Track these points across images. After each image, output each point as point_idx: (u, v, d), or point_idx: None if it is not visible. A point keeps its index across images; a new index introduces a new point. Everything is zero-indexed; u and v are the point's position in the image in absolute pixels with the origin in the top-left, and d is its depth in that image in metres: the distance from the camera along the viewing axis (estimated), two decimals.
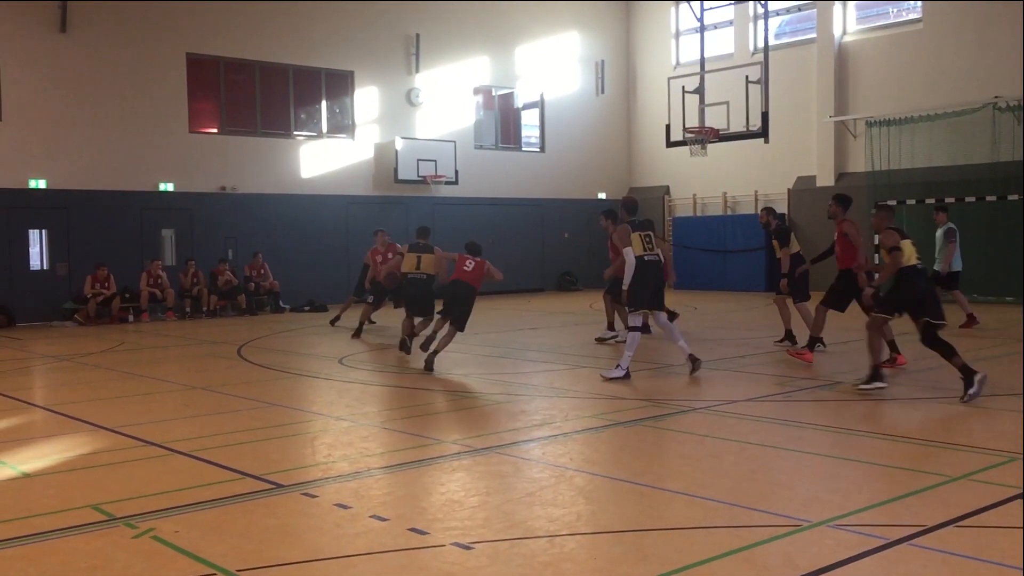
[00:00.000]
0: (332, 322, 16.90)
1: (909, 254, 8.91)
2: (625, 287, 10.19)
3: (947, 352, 8.57)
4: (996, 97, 19.89)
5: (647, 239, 10.28)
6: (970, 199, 19.16)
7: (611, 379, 9.94)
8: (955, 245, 14.35)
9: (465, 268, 11.37)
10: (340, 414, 8.48)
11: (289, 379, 10.83)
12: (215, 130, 21.49)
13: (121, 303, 18.83)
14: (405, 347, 12.31)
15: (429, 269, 12.17)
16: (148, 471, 6.46)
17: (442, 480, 6.10)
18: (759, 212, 13.89)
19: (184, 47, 20.65)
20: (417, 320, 12.54)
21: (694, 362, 10.28)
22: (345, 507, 5.41)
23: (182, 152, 20.62)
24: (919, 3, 21.79)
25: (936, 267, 14.47)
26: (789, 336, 12.67)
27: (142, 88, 20.09)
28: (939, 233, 14.62)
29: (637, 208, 10.94)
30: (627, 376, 10.00)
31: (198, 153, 20.88)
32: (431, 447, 7.02)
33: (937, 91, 21.03)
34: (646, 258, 10.15)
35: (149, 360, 13.23)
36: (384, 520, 5.14)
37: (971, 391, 8.28)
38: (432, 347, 11.12)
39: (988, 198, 18.95)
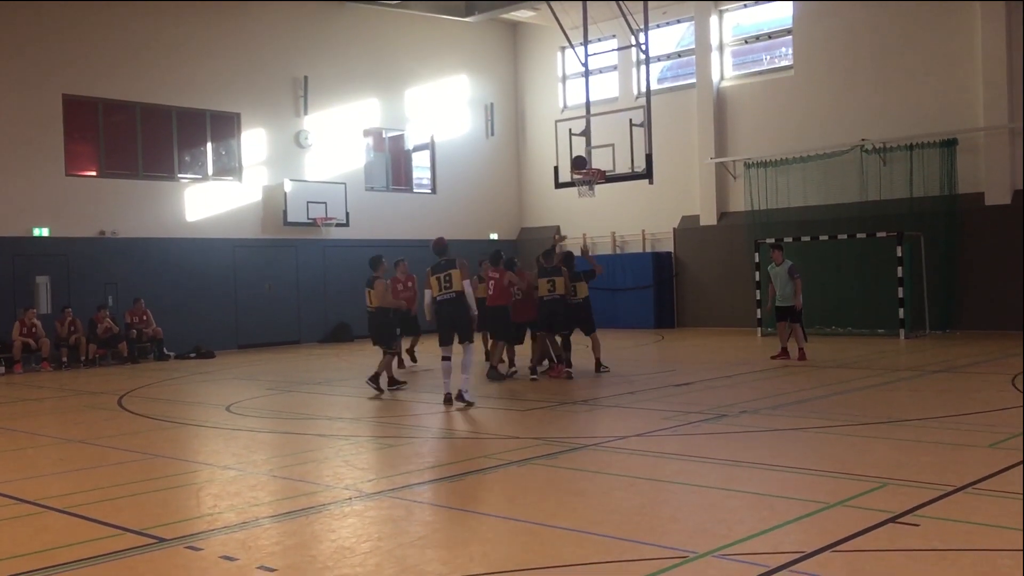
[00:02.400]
0: (399, 366, 16.04)
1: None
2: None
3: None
4: (863, 140, 21.01)
5: (444, 280, 10.91)
6: (842, 236, 20.10)
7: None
8: (800, 281, 15.09)
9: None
10: (227, 463, 8.25)
11: (173, 429, 10.48)
12: (94, 173, 20.80)
13: None
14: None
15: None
16: (20, 530, 6.15)
17: (333, 527, 5.99)
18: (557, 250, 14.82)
19: (60, 87, 19.98)
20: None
21: (450, 401, 10.98)
22: (231, 559, 5.26)
23: (58, 195, 19.86)
24: (790, 51, 22.93)
25: (783, 303, 15.10)
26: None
27: (16, 130, 19.32)
28: (778, 270, 15.28)
29: (445, 250, 11.31)
30: (447, 400, 11.06)
31: (75, 196, 20.14)
32: (321, 493, 6.90)
33: (809, 134, 22.09)
34: (438, 299, 10.93)
35: (22, 413, 12.60)
36: (272, 571, 5.02)
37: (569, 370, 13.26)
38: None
39: (858, 235, 19.92)
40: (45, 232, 19.64)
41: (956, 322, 19.78)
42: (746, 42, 23.98)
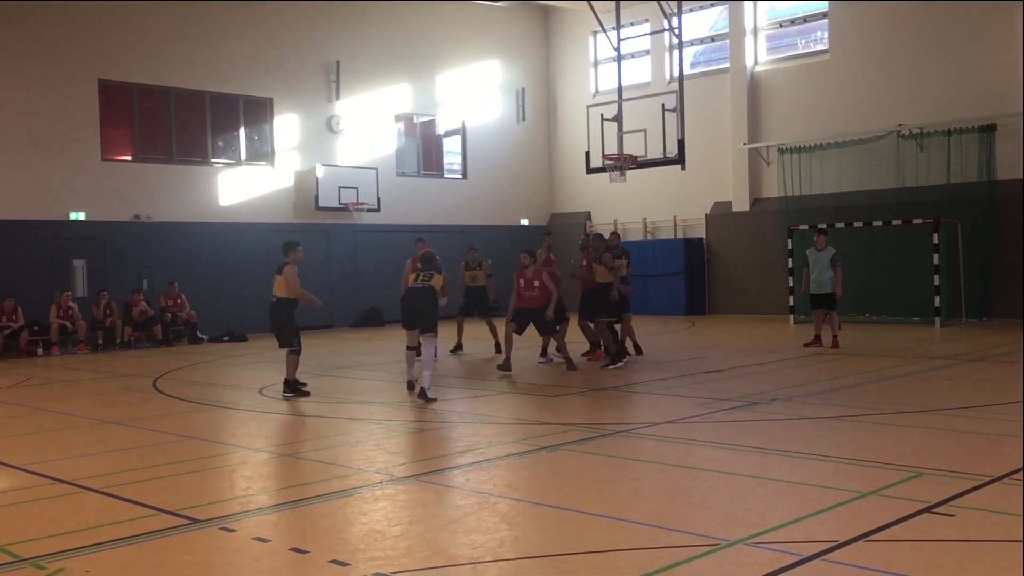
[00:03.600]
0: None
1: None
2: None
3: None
4: (899, 125, 20.70)
5: (424, 276, 11.20)
6: (877, 223, 19.85)
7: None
8: (841, 270, 14.94)
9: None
10: (260, 445, 8.33)
11: (207, 411, 10.60)
12: (129, 157, 21.02)
13: (29, 336, 18.17)
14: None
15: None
16: (57, 510, 6.25)
17: (364, 510, 6.03)
18: (611, 235, 15.06)
19: (96, 73, 20.18)
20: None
21: (412, 387, 11.09)
22: (264, 540, 5.31)
23: (94, 180, 20.10)
24: (826, 35, 22.63)
25: (820, 290, 14.90)
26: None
27: (52, 115, 19.55)
28: (819, 255, 15.04)
29: (430, 262, 11.56)
30: (410, 387, 11.21)
31: (111, 181, 20.37)
32: (353, 476, 6.95)
33: (844, 119, 21.81)
34: (411, 286, 11.25)
35: (59, 395, 12.80)
36: (304, 553, 5.07)
37: (617, 364, 12.85)
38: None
39: (894, 222, 19.66)
40: (82, 216, 19.90)
41: (992, 310, 19.49)
42: (781, 26, 23.70)
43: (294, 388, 11.25)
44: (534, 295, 12.94)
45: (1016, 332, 16.83)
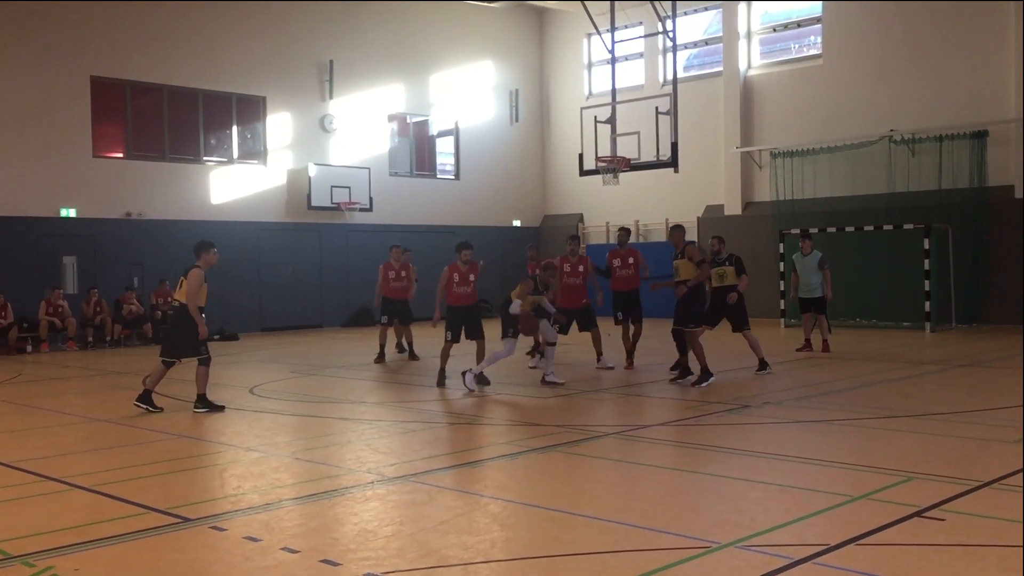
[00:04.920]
0: (377, 360, 14.83)
1: None
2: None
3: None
4: (892, 130, 20.78)
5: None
6: (868, 228, 19.91)
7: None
8: (830, 272, 15.00)
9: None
10: (250, 445, 8.31)
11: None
12: (120, 155, 20.95)
13: (19, 333, 18.09)
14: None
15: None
16: (47, 507, 6.22)
17: (355, 510, 6.02)
18: (712, 240, 13.34)
19: (88, 70, 20.11)
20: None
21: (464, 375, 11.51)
22: (255, 540, 5.30)
23: (85, 177, 20.02)
24: (819, 39, 22.71)
25: (810, 294, 14.91)
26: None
27: (44, 111, 19.47)
28: (806, 260, 15.07)
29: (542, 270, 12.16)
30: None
31: (102, 178, 20.30)
32: (344, 477, 6.93)
33: (837, 124, 21.87)
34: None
35: (49, 392, 12.74)
36: (295, 552, 5.05)
37: (702, 383, 11.11)
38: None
39: (885, 227, 19.73)
40: (72, 213, 19.82)
41: (983, 316, 19.58)
42: (774, 30, 23.77)
43: (208, 402, 10.32)
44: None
45: (1006, 337, 16.90)
